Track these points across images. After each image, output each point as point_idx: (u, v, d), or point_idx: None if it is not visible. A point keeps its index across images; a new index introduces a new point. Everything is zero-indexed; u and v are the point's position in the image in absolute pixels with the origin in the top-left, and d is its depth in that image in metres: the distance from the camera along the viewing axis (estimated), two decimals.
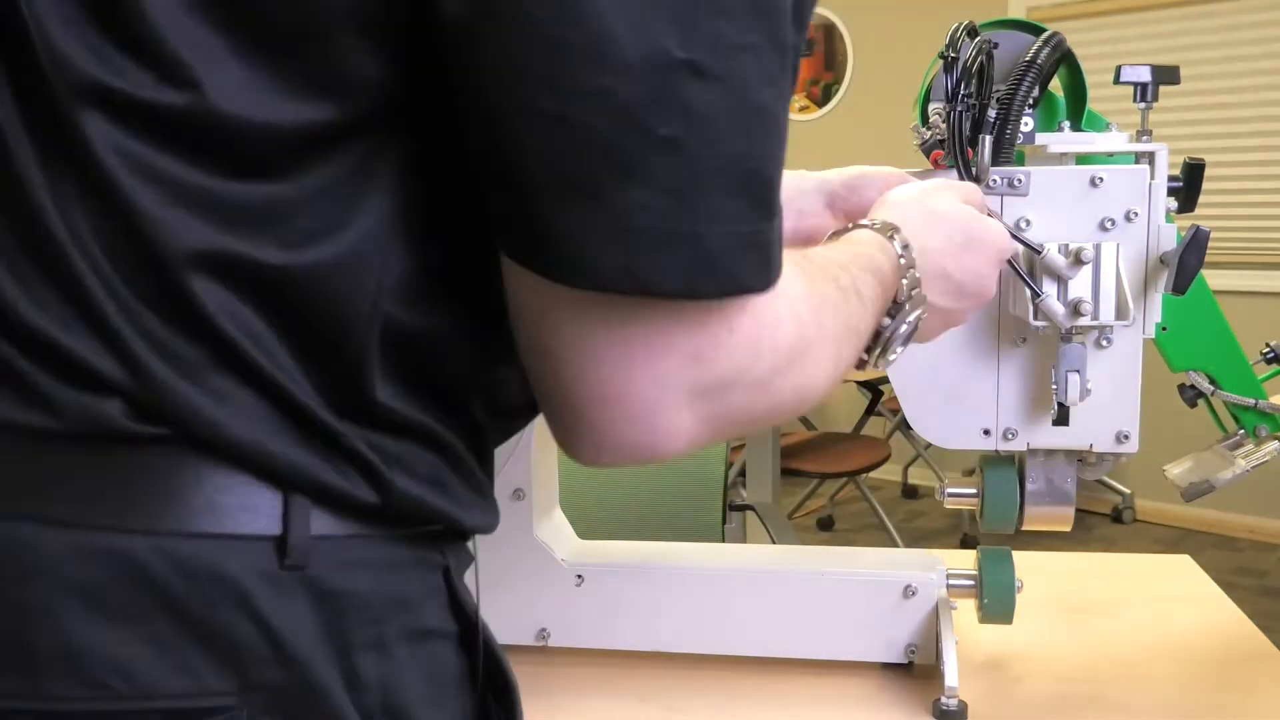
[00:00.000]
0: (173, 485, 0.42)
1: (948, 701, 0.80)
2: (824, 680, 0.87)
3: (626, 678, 0.88)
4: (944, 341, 0.80)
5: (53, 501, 0.41)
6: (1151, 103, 0.77)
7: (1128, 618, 0.97)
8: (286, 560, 0.43)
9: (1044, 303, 0.72)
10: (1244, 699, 0.82)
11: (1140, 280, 0.76)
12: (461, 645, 0.50)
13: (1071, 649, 0.91)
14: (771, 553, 0.96)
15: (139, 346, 0.41)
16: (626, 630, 0.90)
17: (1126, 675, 0.86)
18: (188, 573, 0.41)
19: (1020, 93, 0.72)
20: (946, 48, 0.75)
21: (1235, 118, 3.56)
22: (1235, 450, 0.84)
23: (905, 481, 4.32)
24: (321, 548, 0.44)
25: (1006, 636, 0.91)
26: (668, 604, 0.89)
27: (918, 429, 0.82)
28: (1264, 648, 0.90)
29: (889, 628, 0.86)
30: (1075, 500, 0.82)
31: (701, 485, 1.61)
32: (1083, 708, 0.81)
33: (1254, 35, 3.50)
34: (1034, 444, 0.80)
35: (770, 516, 1.76)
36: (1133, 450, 0.79)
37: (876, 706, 0.83)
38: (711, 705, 0.84)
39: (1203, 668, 0.87)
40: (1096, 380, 0.77)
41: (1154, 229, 0.75)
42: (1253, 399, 0.81)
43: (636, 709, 0.84)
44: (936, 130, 0.76)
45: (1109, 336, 0.77)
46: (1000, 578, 0.84)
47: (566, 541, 0.94)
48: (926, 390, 0.81)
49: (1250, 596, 3.11)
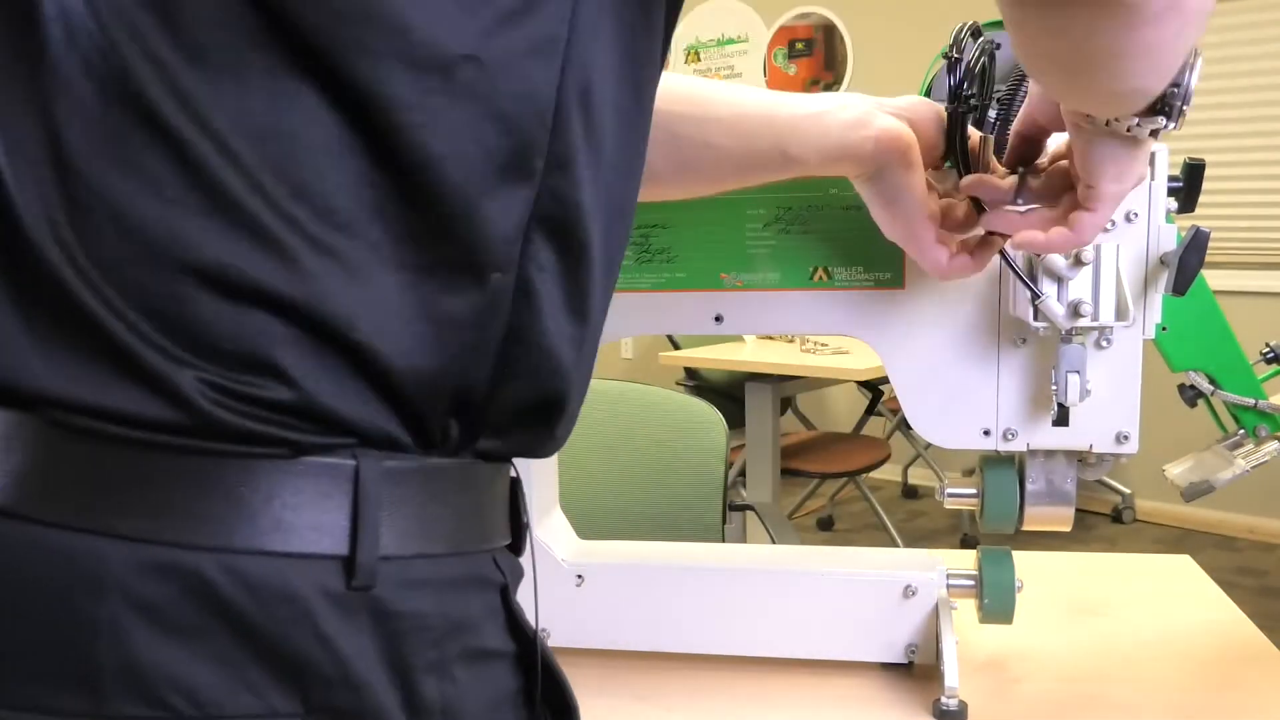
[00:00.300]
0: (244, 502, 0.41)
1: (948, 701, 0.80)
2: (824, 680, 0.87)
3: (626, 677, 0.88)
4: (944, 342, 0.80)
5: (124, 516, 0.40)
6: None
7: (1128, 618, 0.97)
8: (354, 581, 0.42)
9: (1044, 304, 0.72)
10: (1244, 699, 0.82)
11: (1140, 281, 0.76)
12: (518, 664, 0.50)
13: (1071, 649, 0.91)
14: (771, 553, 0.96)
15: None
16: (626, 630, 0.90)
17: (1126, 675, 0.86)
18: (255, 591, 0.41)
19: (1020, 93, 0.72)
20: (950, 48, 0.75)
21: (1235, 118, 3.56)
22: (1235, 450, 0.84)
23: (905, 481, 4.32)
24: (386, 568, 0.43)
25: (1006, 636, 0.91)
26: (668, 604, 0.89)
27: (918, 429, 0.82)
28: (1264, 648, 0.90)
29: (889, 628, 0.86)
30: (1075, 500, 0.82)
31: (701, 485, 1.61)
32: (1083, 708, 0.81)
33: (1254, 35, 3.50)
34: (1034, 444, 0.80)
35: (770, 516, 1.76)
36: (1133, 450, 0.79)
37: (876, 706, 0.83)
38: (711, 705, 0.84)
39: (1203, 668, 0.87)
40: (1096, 381, 0.77)
41: (1154, 229, 0.75)
42: (1253, 399, 0.81)
43: (636, 709, 0.84)
44: None
45: (1109, 337, 0.77)
46: (1000, 578, 0.84)
47: (566, 541, 0.94)
48: (926, 390, 0.81)
49: (1250, 596, 3.11)
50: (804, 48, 4.58)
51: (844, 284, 0.82)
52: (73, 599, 0.40)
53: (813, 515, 4.00)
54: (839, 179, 0.79)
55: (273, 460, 0.42)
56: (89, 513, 0.40)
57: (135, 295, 0.40)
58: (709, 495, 1.60)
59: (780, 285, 0.83)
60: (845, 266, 0.81)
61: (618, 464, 1.65)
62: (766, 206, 0.82)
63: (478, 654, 0.47)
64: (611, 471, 1.65)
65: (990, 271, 0.78)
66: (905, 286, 0.81)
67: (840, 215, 0.81)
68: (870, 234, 0.78)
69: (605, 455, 1.65)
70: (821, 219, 0.81)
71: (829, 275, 0.82)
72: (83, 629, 0.40)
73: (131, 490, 0.41)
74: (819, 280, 0.82)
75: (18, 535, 0.41)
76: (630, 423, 1.65)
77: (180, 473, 0.41)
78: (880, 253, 0.80)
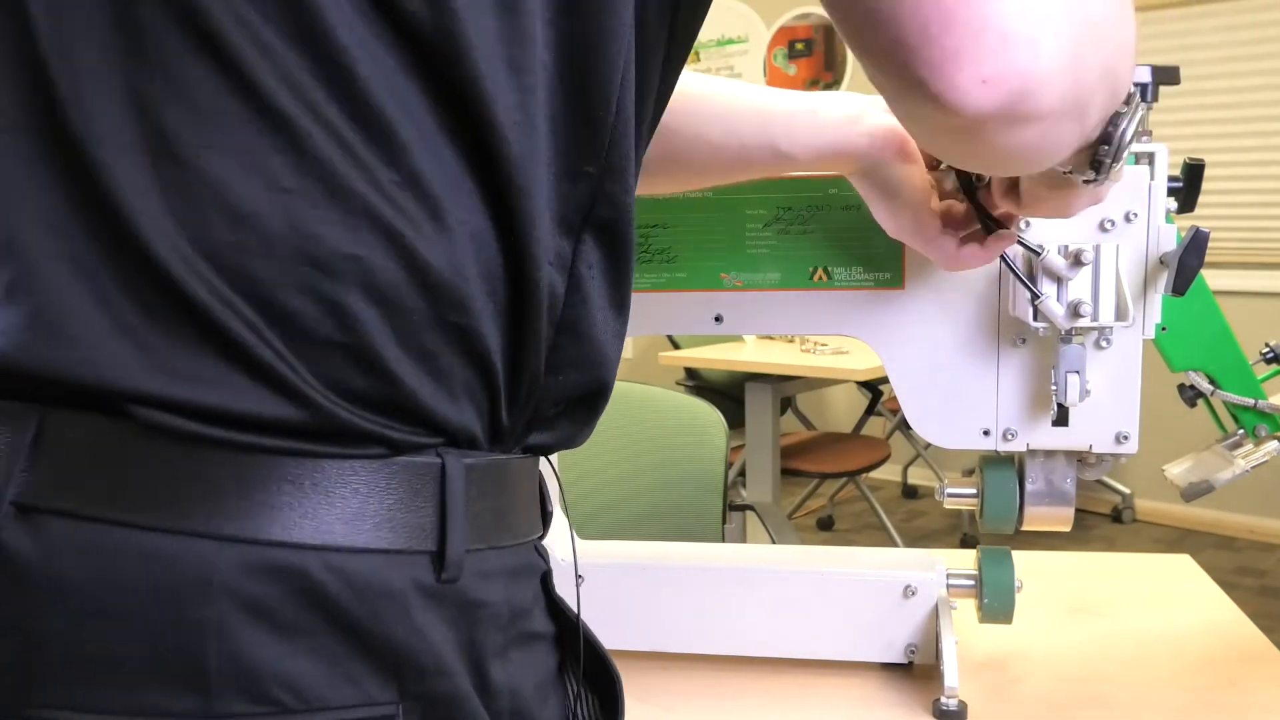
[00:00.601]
0: (345, 501, 0.42)
1: (948, 701, 0.80)
2: (824, 680, 0.87)
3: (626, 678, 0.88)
4: (944, 342, 0.80)
5: (230, 518, 0.41)
6: (1151, 103, 0.77)
7: (1128, 618, 0.97)
8: (444, 574, 0.44)
9: (1043, 304, 0.72)
10: (1244, 699, 0.82)
11: (1140, 281, 0.76)
12: (556, 645, 0.52)
13: (1071, 649, 0.91)
14: (771, 553, 0.96)
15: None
16: (626, 630, 0.90)
17: (1126, 675, 0.86)
18: (357, 588, 0.42)
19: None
20: None
21: (1235, 118, 3.56)
22: (1235, 450, 0.84)
23: (905, 481, 4.32)
24: (468, 560, 0.45)
25: (1006, 636, 0.91)
26: (668, 604, 0.89)
27: (918, 429, 0.82)
28: (1264, 648, 0.90)
29: (889, 628, 0.86)
30: (1075, 500, 0.82)
31: (701, 485, 1.61)
32: (1083, 708, 0.81)
33: (1254, 35, 3.50)
34: (1034, 444, 0.80)
35: (770, 516, 1.76)
36: (1132, 451, 0.79)
37: (876, 706, 0.83)
38: (711, 705, 0.84)
39: (1203, 668, 0.87)
40: (1096, 381, 0.77)
41: (1154, 230, 0.76)
42: (1252, 399, 0.81)
43: (636, 709, 0.84)
44: None
45: (1108, 337, 0.77)
46: (1000, 578, 0.84)
47: (566, 541, 0.94)
48: (926, 390, 0.81)
49: (1250, 596, 3.11)
50: (804, 48, 4.58)
51: (844, 284, 0.82)
52: (177, 601, 0.40)
53: (813, 515, 4.00)
54: (838, 179, 0.79)
55: (371, 460, 0.43)
56: (190, 516, 0.40)
57: (246, 288, 0.40)
58: (709, 495, 1.60)
59: (780, 285, 0.83)
60: (845, 266, 0.81)
61: (618, 464, 1.65)
62: (766, 206, 0.82)
63: (528, 637, 0.49)
64: (611, 471, 1.65)
65: (990, 271, 0.79)
66: (905, 286, 0.81)
67: (840, 215, 0.81)
68: (870, 234, 0.78)
69: (605, 455, 1.65)
70: (821, 219, 0.81)
71: (829, 275, 0.82)
72: (190, 631, 0.40)
73: (235, 493, 0.41)
74: (819, 280, 0.82)
75: (115, 541, 0.40)
76: (630, 423, 1.65)
77: (282, 474, 0.41)
78: (880, 253, 0.80)
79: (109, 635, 0.40)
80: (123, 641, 0.40)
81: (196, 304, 0.40)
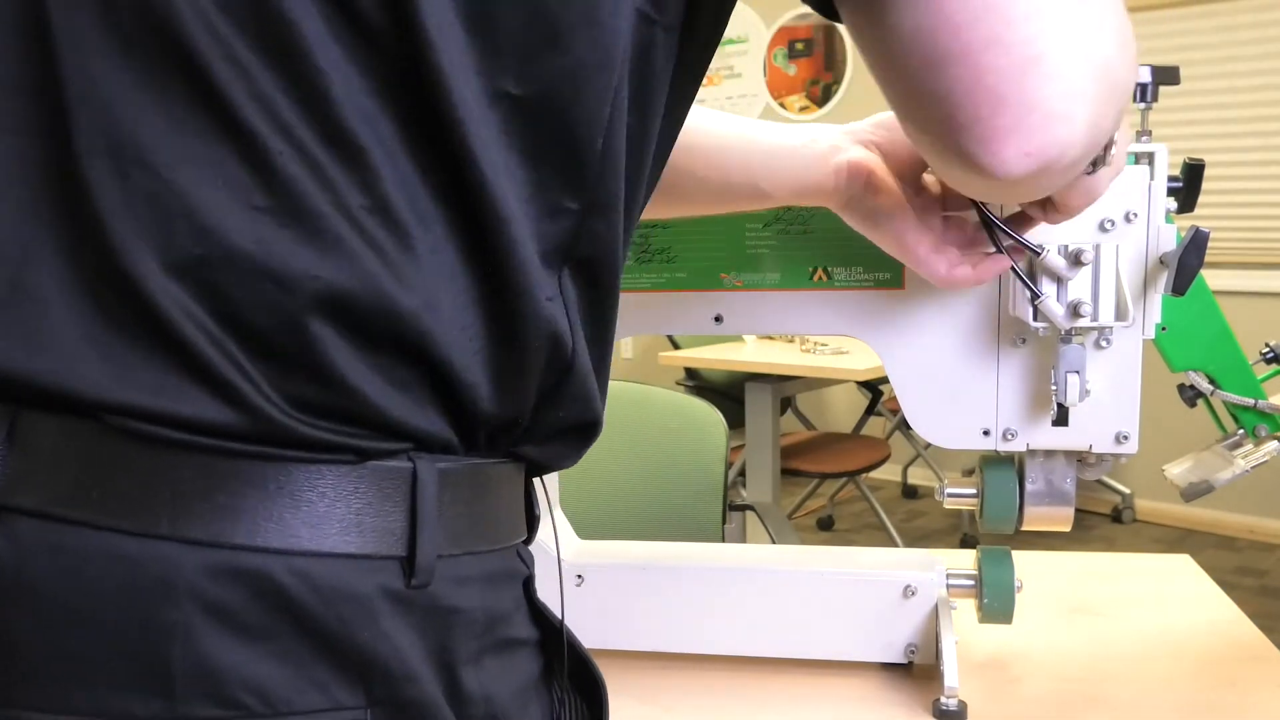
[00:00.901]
0: (311, 506, 0.42)
1: (948, 701, 0.80)
2: (824, 680, 0.87)
3: (626, 677, 0.88)
4: (944, 341, 0.80)
5: (193, 521, 0.41)
6: (1151, 103, 0.77)
7: (1128, 618, 0.97)
8: (413, 580, 0.43)
9: (1043, 304, 0.72)
10: (1244, 699, 0.82)
11: (1140, 281, 0.76)
12: (539, 651, 0.52)
13: (1071, 649, 0.91)
14: (771, 553, 0.96)
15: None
16: (626, 630, 0.90)
17: (1126, 675, 0.86)
18: (322, 593, 0.42)
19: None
20: None
21: (1235, 118, 3.56)
22: (1235, 450, 0.84)
23: (905, 481, 4.32)
24: (440, 566, 0.45)
25: (1006, 636, 0.91)
26: (668, 604, 0.89)
27: (918, 429, 0.82)
28: (1264, 648, 0.90)
29: (889, 628, 0.86)
30: (1075, 500, 0.82)
31: (701, 485, 1.61)
32: (1083, 708, 0.81)
33: (1254, 35, 3.50)
34: (1034, 444, 0.80)
35: (770, 516, 1.76)
36: (1132, 451, 0.79)
37: (876, 706, 0.83)
38: (711, 705, 0.84)
39: (1203, 668, 0.87)
40: (1096, 381, 0.77)
41: (1153, 229, 0.76)
42: (1252, 399, 0.81)
43: (636, 709, 0.84)
44: None
45: (1108, 337, 0.77)
46: (1000, 578, 0.84)
47: (566, 541, 0.94)
48: (926, 390, 0.81)
49: (1250, 596, 3.11)
50: (804, 48, 4.58)
51: (844, 284, 0.82)
52: (142, 604, 0.40)
53: (813, 515, 4.00)
54: None
55: (338, 465, 0.43)
56: (155, 518, 0.40)
57: (210, 302, 0.40)
58: (709, 495, 1.60)
59: (780, 285, 0.83)
60: (845, 267, 0.82)
61: (617, 464, 1.65)
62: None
63: (507, 643, 0.49)
64: (611, 471, 1.65)
65: None
66: (905, 287, 0.81)
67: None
68: None
69: (605, 455, 1.65)
70: (821, 219, 0.81)
71: (829, 275, 0.82)
72: (154, 633, 0.40)
73: (199, 495, 0.41)
74: (819, 280, 0.82)
75: (83, 542, 0.40)
76: (630, 423, 1.65)
77: (247, 478, 0.41)
78: (880, 253, 0.80)
79: (77, 637, 0.40)
80: (90, 643, 0.40)
81: (160, 315, 0.40)
